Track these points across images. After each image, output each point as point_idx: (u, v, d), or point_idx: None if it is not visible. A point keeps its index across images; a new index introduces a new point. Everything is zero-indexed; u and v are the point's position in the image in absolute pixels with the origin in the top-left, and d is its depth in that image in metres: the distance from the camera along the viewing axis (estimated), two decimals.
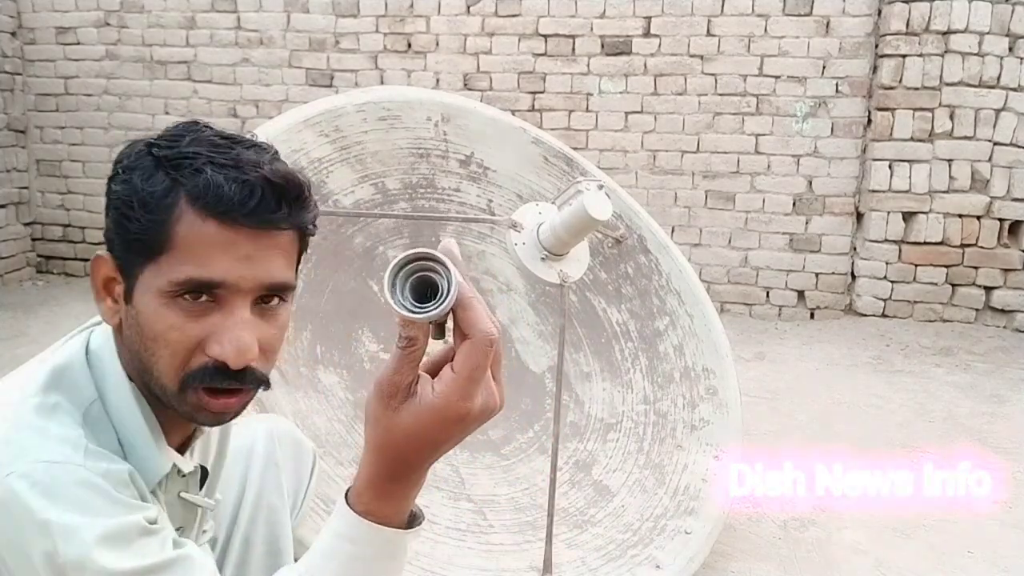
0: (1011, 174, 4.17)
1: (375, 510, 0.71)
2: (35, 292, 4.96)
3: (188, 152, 0.74)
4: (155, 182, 0.74)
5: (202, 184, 0.73)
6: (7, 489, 0.69)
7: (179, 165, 0.74)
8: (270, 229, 0.76)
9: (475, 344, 0.65)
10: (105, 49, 5.09)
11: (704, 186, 4.62)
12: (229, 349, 0.74)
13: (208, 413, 0.79)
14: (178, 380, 0.77)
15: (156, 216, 0.73)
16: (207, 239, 0.73)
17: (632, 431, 2.13)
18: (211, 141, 0.76)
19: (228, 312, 0.75)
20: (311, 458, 1.32)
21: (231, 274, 0.74)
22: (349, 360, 1.97)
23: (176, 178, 0.74)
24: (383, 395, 0.67)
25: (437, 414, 0.66)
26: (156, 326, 0.75)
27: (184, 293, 0.74)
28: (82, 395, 0.78)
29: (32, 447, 0.72)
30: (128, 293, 0.77)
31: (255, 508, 1.19)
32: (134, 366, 0.80)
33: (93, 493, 0.71)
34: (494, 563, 1.69)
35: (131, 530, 0.71)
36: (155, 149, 0.76)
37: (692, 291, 2.27)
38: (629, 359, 2.24)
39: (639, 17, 4.53)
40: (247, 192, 0.73)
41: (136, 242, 0.75)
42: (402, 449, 0.68)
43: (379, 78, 4.81)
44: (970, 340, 4.10)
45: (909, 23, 4.15)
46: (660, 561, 1.78)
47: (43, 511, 0.68)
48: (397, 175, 2.14)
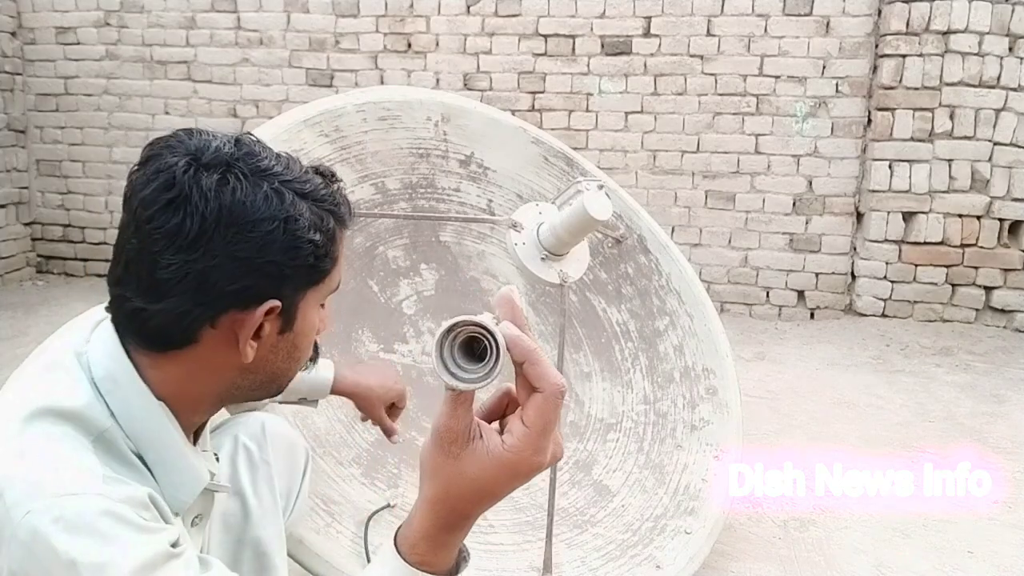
0: (1011, 174, 4.17)
1: (429, 561, 0.69)
2: (35, 292, 4.96)
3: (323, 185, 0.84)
4: (317, 214, 0.81)
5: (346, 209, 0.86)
6: (28, 529, 0.67)
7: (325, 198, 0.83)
8: None
9: (547, 398, 0.64)
10: (105, 49, 5.09)
11: (704, 186, 4.62)
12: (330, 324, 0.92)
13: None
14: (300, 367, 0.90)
15: (330, 240, 0.83)
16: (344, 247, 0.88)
17: (632, 431, 2.13)
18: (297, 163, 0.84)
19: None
20: (304, 457, 1.32)
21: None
22: (349, 360, 1.97)
23: (329, 209, 0.83)
24: (442, 442, 0.66)
25: (508, 468, 0.65)
26: (312, 332, 0.88)
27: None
28: (91, 424, 0.75)
29: (48, 481, 0.69)
30: (288, 323, 0.83)
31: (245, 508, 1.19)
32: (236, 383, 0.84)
33: (117, 523, 0.69)
34: (494, 563, 1.69)
35: (158, 559, 0.69)
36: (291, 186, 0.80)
37: (692, 291, 2.27)
38: (629, 359, 2.24)
39: (639, 17, 4.53)
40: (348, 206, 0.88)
41: (315, 272, 0.83)
42: (463, 500, 0.67)
43: (379, 78, 4.81)
44: (970, 340, 4.10)
45: (909, 23, 4.15)
46: (660, 561, 1.78)
47: (68, 551, 0.66)
48: (397, 175, 2.14)
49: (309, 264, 0.80)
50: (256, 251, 0.75)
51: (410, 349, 2.09)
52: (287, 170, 0.80)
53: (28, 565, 0.67)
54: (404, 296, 2.14)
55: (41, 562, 0.67)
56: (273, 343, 0.82)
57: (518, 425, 0.65)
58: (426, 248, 2.20)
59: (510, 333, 0.65)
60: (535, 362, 0.64)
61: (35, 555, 0.67)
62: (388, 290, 2.12)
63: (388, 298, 2.11)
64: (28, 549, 0.67)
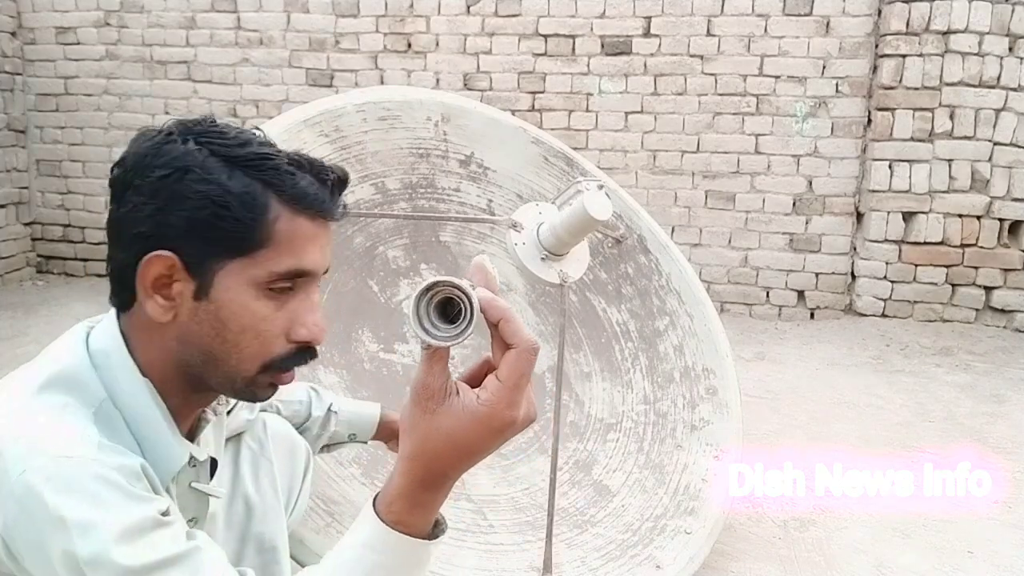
0: (1011, 174, 4.17)
1: (405, 520, 0.71)
2: (35, 292, 4.96)
3: (262, 153, 0.81)
4: (242, 181, 0.79)
5: (299, 188, 0.81)
6: (24, 486, 0.70)
7: (260, 166, 0.79)
8: (333, 221, 0.86)
9: (520, 353, 0.66)
10: (105, 49, 5.09)
11: (704, 186, 4.62)
12: (316, 331, 0.84)
13: (275, 389, 0.86)
14: (259, 366, 0.83)
15: (254, 214, 0.79)
16: (301, 234, 0.81)
17: (632, 431, 2.13)
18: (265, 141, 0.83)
19: (305, 297, 0.84)
20: (305, 456, 1.32)
21: (317, 263, 0.83)
22: (349, 360, 1.97)
23: (265, 180, 0.80)
24: (418, 399, 0.68)
25: (481, 422, 0.67)
26: (245, 318, 0.80)
27: (279, 284, 0.81)
28: (91, 395, 0.79)
29: (46, 444, 0.72)
30: (203, 289, 0.80)
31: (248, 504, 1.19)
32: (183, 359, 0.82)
33: (108, 488, 0.71)
34: (494, 563, 1.69)
35: (145, 524, 0.72)
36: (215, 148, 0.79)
37: (692, 291, 2.27)
38: (629, 359, 2.24)
39: (639, 17, 4.53)
40: (328, 192, 0.83)
41: (227, 238, 0.79)
42: (440, 455, 0.68)
43: (379, 78, 4.81)
44: (970, 340, 4.10)
45: (909, 23, 4.15)
46: (660, 561, 1.78)
47: (59, 508, 0.69)
48: (397, 175, 2.14)
49: (215, 225, 0.78)
50: (149, 196, 0.78)
51: (410, 349, 2.09)
52: (224, 136, 0.80)
53: (21, 520, 0.70)
54: (404, 296, 2.14)
55: (32, 517, 0.70)
56: (191, 309, 0.80)
57: (492, 380, 0.67)
58: (426, 248, 2.20)
59: (484, 295, 0.67)
60: (509, 319, 0.67)
61: (27, 511, 0.70)
62: (388, 290, 2.12)
63: (388, 298, 2.11)
64: (21, 505, 0.70)
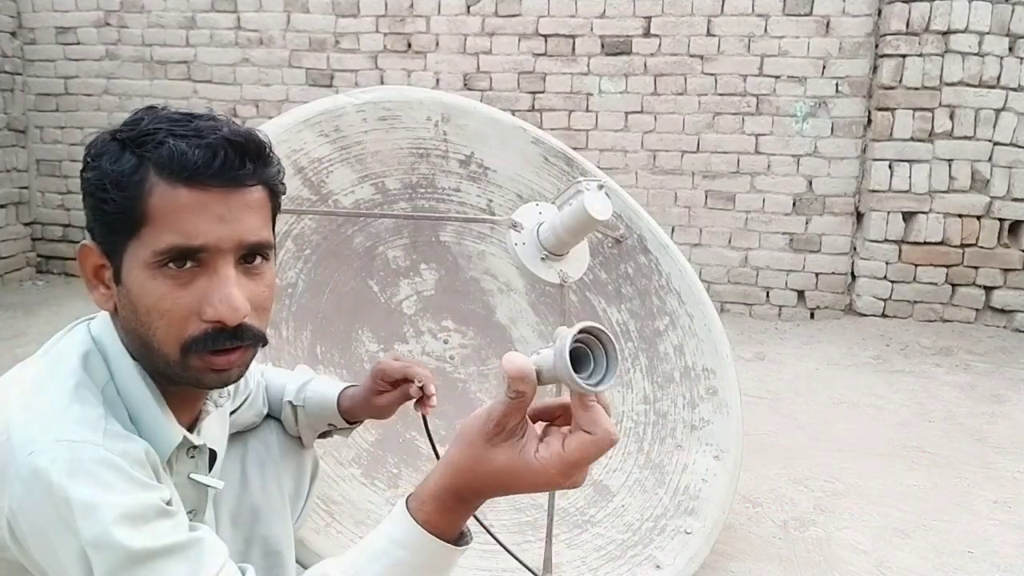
0: (1011, 174, 4.17)
1: (434, 521, 0.72)
2: (35, 292, 4.96)
3: (149, 129, 0.78)
4: (123, 162, 0.78)
5: (166, 154, 0.76)
6: (30, 467, 0.71)
7: (143, 143, 0.78)
8: (238, 187, 0.79)
9: (596, 442, 0.68)
10: (105, 49, 5.09)
11: (704, 186, 4.62)
12: (222, 308, 0.78)
13: (214, 373, 0.82)
14: (179, 348, 0.79)
15: (129, 192, 0.77)
16: (181, 205, 0.76)
17: (632, 431, 2.13)
18: (169, 117, 0.80)
19: (213, 273, 0.78)
20: (311, 461, 1.32)
21: (210, 236, 0.77)
22: (349, 360, 1.97)
23: (141, 154, 0.77)
24: (487, 427, 0.70)
25: (530, 474, 0.69)
26: (147, 299, 0.78)
27: (168, 261, 0.77)
28: (99, 377, 0.81)
29: (53, 427, 0.73)
30: (116, 274, 0.80)
31: (254, 507, 1.19)
32: (135, 345, 0.83)
33: (112, 472, 0.72)
34: (494, 563, 1.69)
35: (148, 510, 0.72)
36: (118, 134, 0.80)
37: (692, 291, 2.27)
38: (629, 359, 2.24)
39: (639, 17, 4.53)
40: (210, 153, 0.77)
41: (115, 222, 0.78)
42: (482, 480, 0.71)
43: (379, 78, 4.81)
44: (970, 340, 4.10)
45: (909, 23, 4.15)
46: (660, 561, 1.78)
47: (64, 489, 0.69)
48: (397, 175, 2.14)
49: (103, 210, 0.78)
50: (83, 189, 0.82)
51: (410, 349, 2.09)
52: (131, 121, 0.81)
53: (26, 502, 0.71)
54: (404, 296, 2.14)
55: (37, 499, 0.70)
56: (117, 295, 0.82)
57: (557, 446, 0.69)
58: (426, 248, 2.20)
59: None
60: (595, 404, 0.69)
61: (33, 492, 0.70)
62: (388, 290, 2.12)
63: (388, 298, 2.11)
64: (28, 486, 0.71)
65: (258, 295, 0.82)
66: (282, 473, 1.23)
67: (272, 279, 0.85)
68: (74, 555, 0.70)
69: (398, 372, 1.18)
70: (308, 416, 1.25)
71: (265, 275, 0.83)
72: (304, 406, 1.24)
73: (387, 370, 1.19)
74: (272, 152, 0.84)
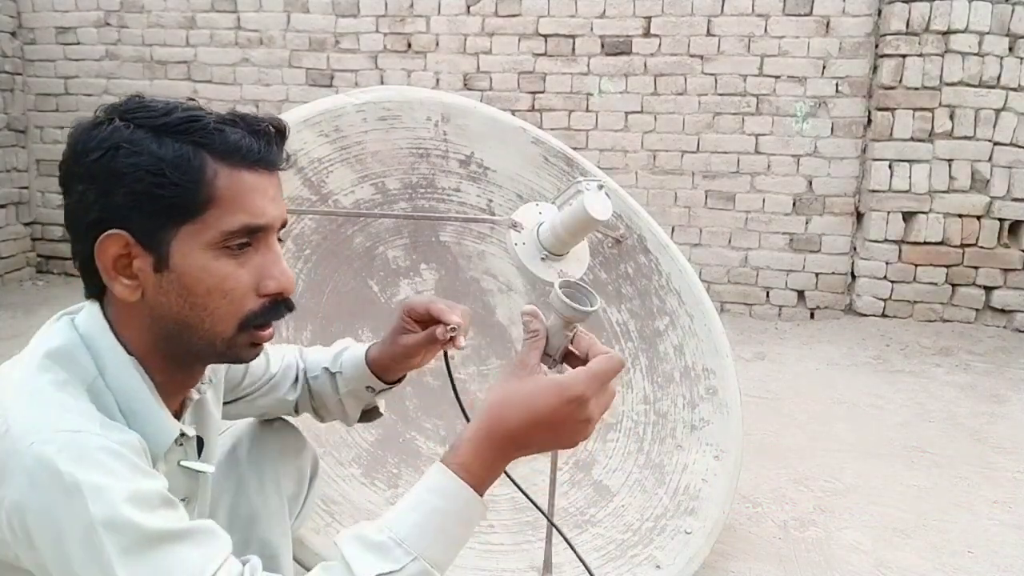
0: (1011, 174, 4.17)
1: (467, 464, 0.77)
2: (35, 292, 4.96)
3: (189, 116, 0.79)
4: (172, 147, 0.78)
5: (231, 141, 0.80)
6: (35, 457, 0.70)
7: (189, 130, 0.79)
8: (277, 171, 0.86)
9: (611, 357, 0.82)
10: (105, 49, 5.09)
11: (704, 186, 4.62)
12: (284, 280, 0.84)
13: (255, 347, 0.87)
14: (236, 325, 0.83)
15: (191, 176, 0.78)
16: (246, 187, 0.81)
17: (632, 431, 2.13)
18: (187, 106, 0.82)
19: (267, 250, 0.84)
20: (311, 462, 1.32)
21: (270, 215, 0.83)
22: None
23: (196, 141, 0.79)
24: (513, 367, 0.83)
25: (557, 388, 0.78)
26: (209, 280, 0.81)
27: (233, 243, 0.81)
28: (85, 372, 0.81)
29: (52, 418, 0.73)
30: (162, 261, 0.80)
31: (251, 510, 1.19)
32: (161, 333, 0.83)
33: (116, 459, 0.72)
34: (494, 563, 1.69)
35: (154, 496, 0.73)
36: (140, 122, 0.79)
37: (692, 291, 2.27)
38: (629, 359, 2.24)
39: (639, 17, 4.53)
40: (264, 141, 0.83)
41: (170, 207, 0.78)
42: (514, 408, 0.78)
43: (379, 78, 4.81)
44: (970, 340, 4.10)
45: (909, 23, 4.15)
46: (660, 561, 1.78)
47: (73, 474, 0.69)
48: (397, 175, 2.14)
49: (156, 195, 0.77)
50: (90, 182, 0.79)
51: None
52: (148, 109, 0.80)
53: (32, 493, 0.70)
54: (404, 296, 2.14)
55: (44, 488, 0.69)
56: (155, 283, 0.80)
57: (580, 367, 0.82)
58: (426, 248, 2.20)
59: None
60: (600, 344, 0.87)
61: (39, 482, 0.69)
62: (388, 290, 2.12)
63: (388, 298, 2.10)
64: (33, 476, 0.69)
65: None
66: (280, 474, 1.23)
67: None
68: (82, 539, 0.68)
69: (421, 307, 1.14)
70: (347, 381, 1.20)
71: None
72: (341, 371, 1.21)
73: (413, 304, 1.15)
74: None
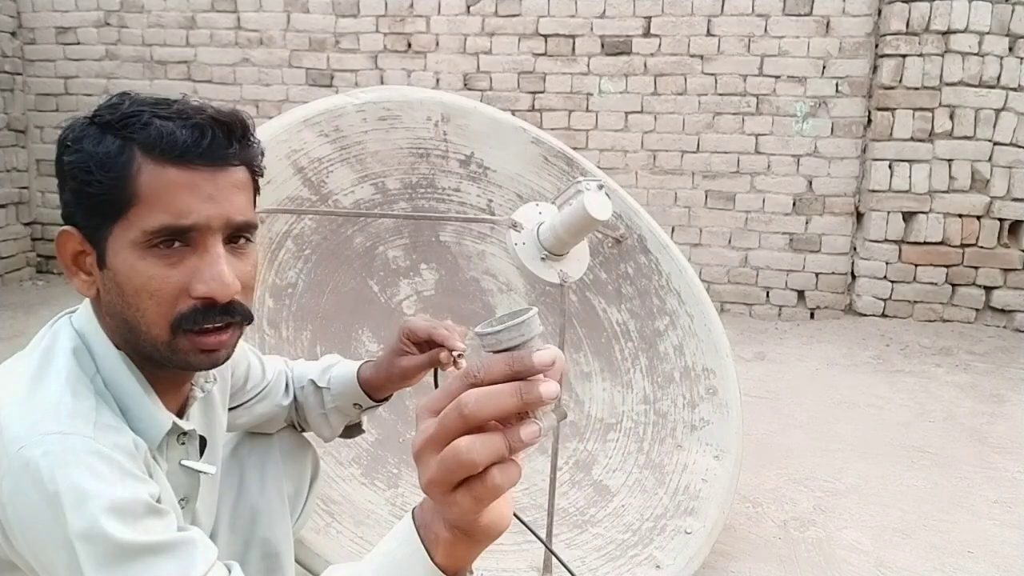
0: (1011, 174, 4.17)
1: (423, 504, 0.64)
2: (35, 292, 4.96)
3: (131, 112, 0.78)
4: (106, 143, 0.77)
5: (154, 134, 0.76)
6: (22, 460, 0.70)
7: (126, 124, 0.77)
8: (225, 166, 0.80)
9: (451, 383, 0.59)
10: (105, 49, 5.09)
11: (704, 186, 4.62)
12: (214, 284, 0.78)
13: (203, 354, 0.82)
14: (168, 327, 0.79)
15: (115, 173, 0.76)
16: (170, 184, 0.77)
17: (632, 431, 2.13)
18: (151, 100, 0.80)
19: (203, 252, 0.79)
20: (311, 463, 1.32)
21: (200, 215, 0.78)
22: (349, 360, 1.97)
23: (126, 136, 0.77)
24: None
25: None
26: (136, 279, 0.78)
27: (158, 242, 0.77)
28: (87, 369, 0.81)
29: (44, 421, 0.73)
30: (101, 258, 0.80)
31: (253, 509, 1.19)
32: (120, 332, 0.82)
33: (104, 463, 0.72)
34: (494, 563, 1.69)
35: (138, 506, 0.72)
36: (96, 118, 0.79)
37: (692, 291, 2.27)
38: (629, 359, 2.24)
39: (639, 17, 4.53)
40: (199, 133, 0.77)
41: (100, 204, 0.77)
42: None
43: (379, 78, 4.81)
44: (970, 340, 4.10)
45: (909, 23, 4.15)
46: (660, 561, 1.78)
47: (54, 481, 0.69)
48: (397, 175, 2.14)
49: (87, 192, 0.77)
50: (57, 177, 0.82)
51: None
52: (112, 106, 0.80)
53: (16, 496, 0.70)
54: (404, 296, 2.14)
55: (27, 492, 0.70)
56: (101, 279, 0.81)
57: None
58: (426, 248, 2.20)
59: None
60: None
61: (23, 486, 0.70)
62: (388, 290, 2.12)
63: (388, 298, 2.11)
64: (18, 480, 0.70)
65: (244, 274, 0.83)
66: (282, 475, 1.23)
67: (256, 259, 0.86)
68: (61, 547, 0.69)
69: (423, 332, 1.12)
70: (334, 397, 1.21)
71: (250, 255, 0.84)
72: (329, 387, 1.21)
73: (413, 328, 1.13)
74: (254, 132, 0.84)
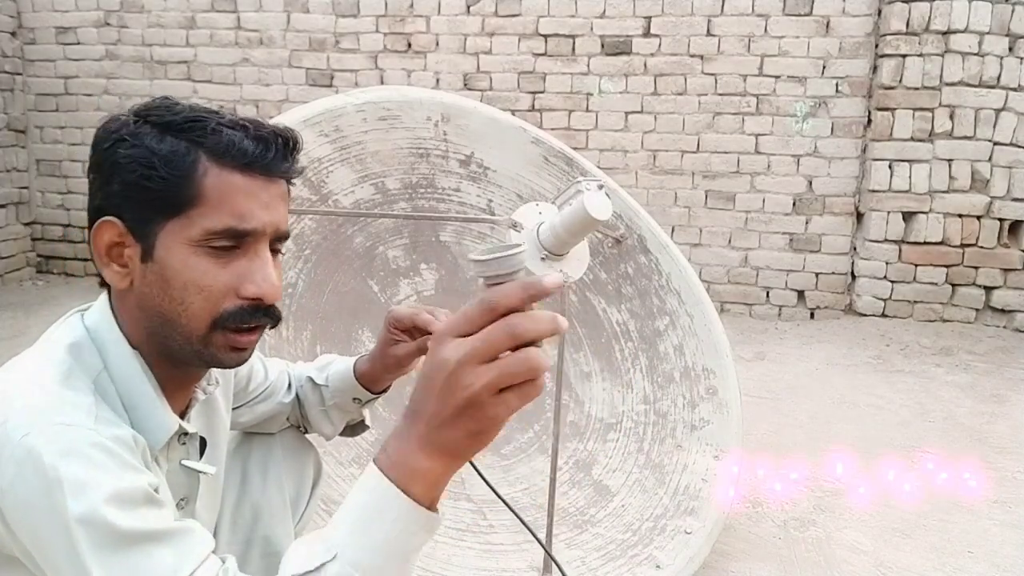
0: (1011, 174, 4.17)
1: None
2: (35, 292, 4.96)
3: (195, 117, 0.81)
4: (170, 143, 0.80)
5: (225, 141, 0.80)
6: (24, 448, 0.71)
7: (192, 128, 0.80)
8: (279, 179, 0.85)
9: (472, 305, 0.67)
10: (105, 49, 5.09)
11: (704, 186, 4.62)
12: (265, 287, 0.83)
13: (235, 351, 0.86)
14: (208, 323, 0.83)
15: (181, 172, 0.80)
16: (236, 189, 0.81)
17: (632, 431, 2.13)
18: (207, 109, 0.84)
19: (254, 255, 0.84)
20: (313, 464, 1.32)
21: (259, 220, 0.83)
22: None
23: (193, 139, 0.80)
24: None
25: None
26: (187, 274, 0.81)
27: (216, 242, 0.81)
28: (90, 367, 0.82)
29: (48, 412, 0.74)
30: (147, 251, 0.82)
31: (255, 507, 1.19)
32: (148, 326, 0.84)
33: (104, 454, 0.73)
34: (494, 563, 1.69)
35: (137, 495, 0.73)
36: (151, 118, 0.82)
37: (692, 291, 2.27)
38: (629, 359, 2.24)
39: (639, 17, 4.53)
40: (264, 146, 0.82)
41: (157, 200, 0.80)
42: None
43: (379, 78, 4.81)
44: (970, 340, 4.10)
45: (909, 23, 4.15)
46: (660, 561, 1.78)
47: (56, 468, 0.70)
48: (397, 175, 2.14)
49: (145, 187, 0.79)
50: (97, 171, 0.83)
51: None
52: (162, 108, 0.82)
53: (17, 483, 0.71)
54: (404, 296, 2.14)
55: (28, 480, 0.71)
56: (141, 272, 0.82)
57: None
58: (426, 248, 2.20)
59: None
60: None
61: (25, 473, 0.71)
62: (388, 290, 2.12)
63: (388, 298, 2.11)
64: (20, 467, 0.71)
65: (279, 281, 0.87)
66: (284, 475, 1.23)
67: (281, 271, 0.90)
68: (61, 533, 0.70)
69: (407, 319, 1.15)
70: (333, 394, 1.22)
71: (280, 265, 0.89)
72: (327, 384, 1.23)
73: (398, 316, 1.16)
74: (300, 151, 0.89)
